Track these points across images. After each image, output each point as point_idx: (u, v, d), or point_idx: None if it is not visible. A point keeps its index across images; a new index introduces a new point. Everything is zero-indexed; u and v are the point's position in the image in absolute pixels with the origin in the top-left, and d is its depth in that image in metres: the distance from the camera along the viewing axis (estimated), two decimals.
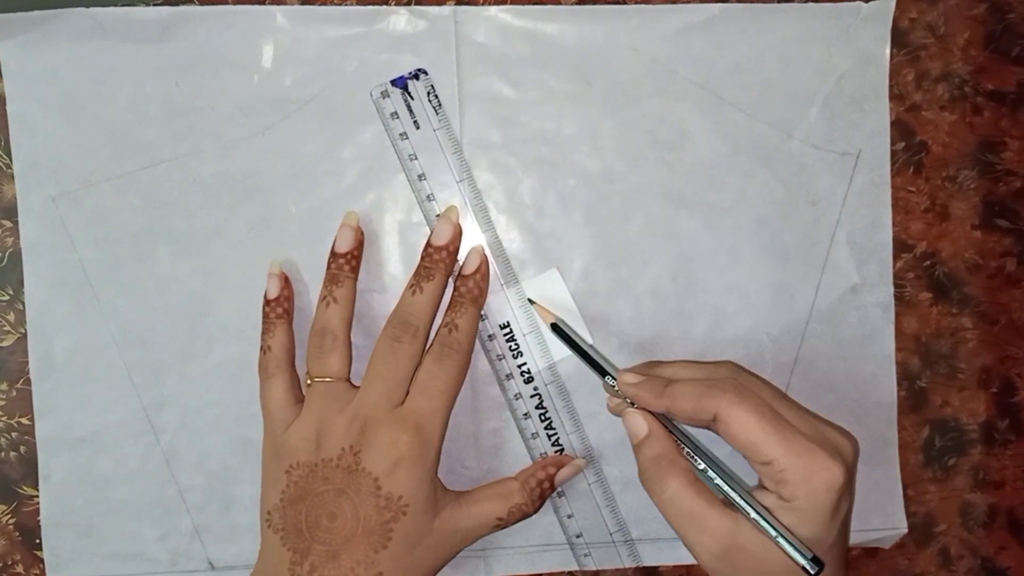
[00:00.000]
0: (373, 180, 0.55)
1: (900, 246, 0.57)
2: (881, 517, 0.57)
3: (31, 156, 0.53)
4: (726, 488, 0.45)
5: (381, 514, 0.46)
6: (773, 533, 0.43)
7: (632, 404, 0.49)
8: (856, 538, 0.57)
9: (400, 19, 0.54)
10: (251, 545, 0.55)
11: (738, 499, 0.45)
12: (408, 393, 0.49)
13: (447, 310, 0.52)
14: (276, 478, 0.48)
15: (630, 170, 0.55)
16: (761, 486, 0.45)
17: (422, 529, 0.47)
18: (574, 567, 0.56)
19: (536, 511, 0.52)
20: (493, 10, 0.54)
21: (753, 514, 0.44)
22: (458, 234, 0.53)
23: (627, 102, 0.55)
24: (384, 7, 0.54)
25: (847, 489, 0.44)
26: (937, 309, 0.58)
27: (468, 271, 0.53)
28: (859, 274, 0.56)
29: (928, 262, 0.58)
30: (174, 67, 0.54)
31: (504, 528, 0.51)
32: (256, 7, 0.54)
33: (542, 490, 0.52)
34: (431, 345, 0.51)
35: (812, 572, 0.43)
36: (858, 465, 0.56)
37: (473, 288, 0.52)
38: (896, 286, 0.57)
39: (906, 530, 0.58)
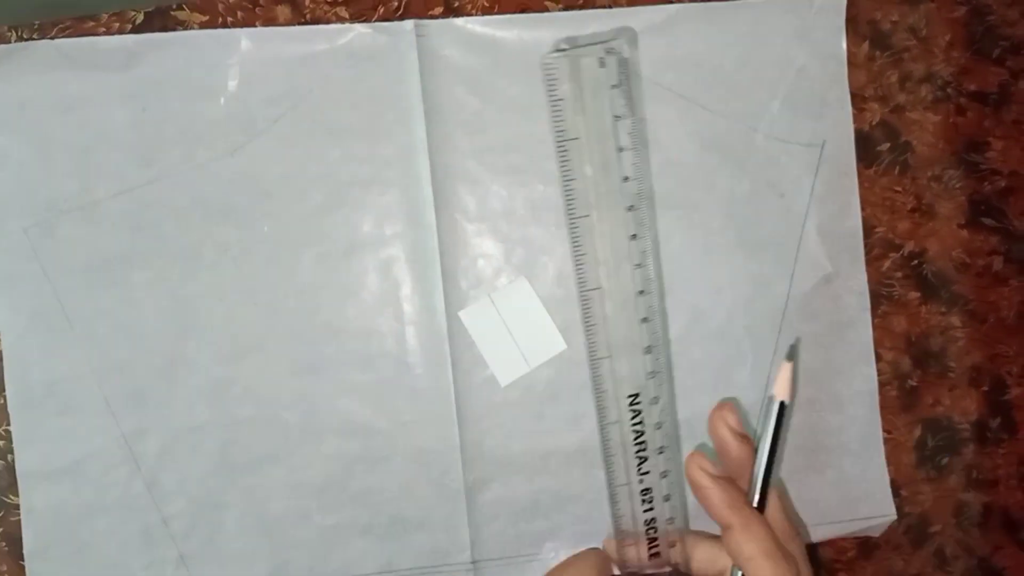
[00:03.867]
0: (344, 197, 0.55)
1: (888, 246, 0.57)
2: (869, 505, 0.57)
3: (0, 187, 0.54)
4: None
5: None
6: None
7: None
8: (847, 528, 0.57)
9: (362, 36, 0.54)
10: (237, 570, 0.54)
11: None
12: None
13: None
14: None
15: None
16: None
17: None
18: None
19: None
20: (454, 22, 0.55)
21: None
22: None
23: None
24: (346, 24, 0.54)
25: None
26: (926, 308, 0.58)
27: None
28: (831, 263, 0.57)
29: (916, 261, 0.58)
30: (141, 93, 0.54)
31: None
32: (220, 30, 0.54)
33: None
34: None
35: None
36: (842, 456, 0.57)
37: None
38: (884, 285, 0.57)
39: (895, 517, 0.57)
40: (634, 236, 0.47)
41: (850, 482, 0.57)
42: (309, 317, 0.54)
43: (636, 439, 0.49)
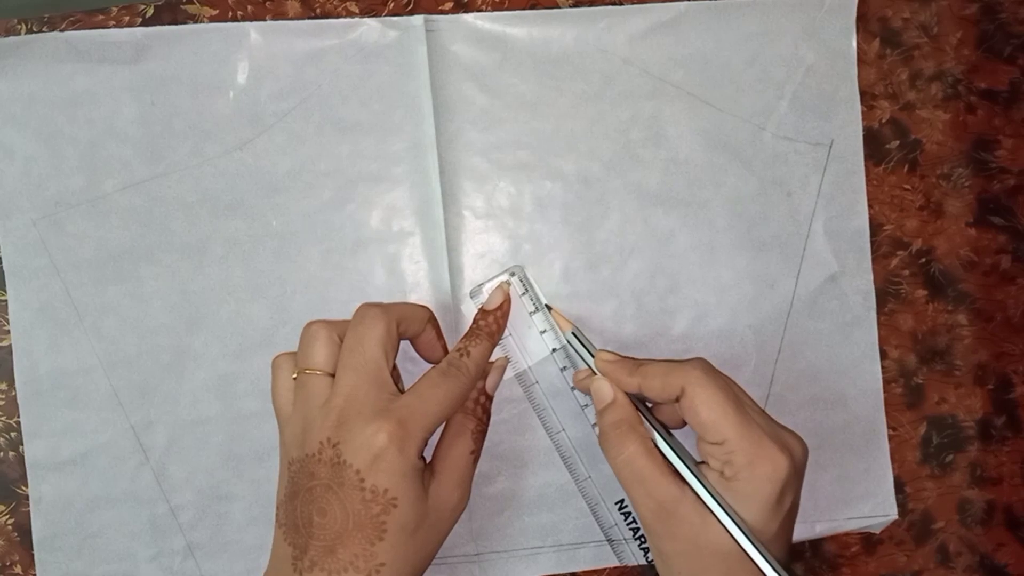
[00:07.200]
0: (352, 192, 0.55)
1: (895, 243, 0.58)
2: (871, 503, 0.57)
3: (10, 181, 0.54)
4: (675, 459, 0.47)
5: (369, 507, 0.45)
6: (719, 512, 0.45)
7: None
8: (847, 525, 0.57)
9: (372, 30, 0.54)
10: (245, 561, 0.55)
11: (687, 472, 0.46)
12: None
13: (462, 337, 0.51)
14: (282, 473, 0.48)
15: (605, 170, 0.56)
16: (705, 464, 0.47)
17: (418, 516, 0.46)
18: (566, 569, 0.56)
19: (488, 421, 0.52)
20: (463, 17, 0.55)
21: (700, 489, 0.46)
22: (507, 302, 0.54)
23: (598, 103, 0.56)
24: (355, 19, 0.54)
25: (791, 484, 0.45)
26: (933, 306, 0.58)
27: (490, 307, 0.53)
28: (838, 262, 0.57)
29: (924, 259, 0.58)
30: (150, 87, 0.54)
31: (478, 456, 0.51)
32: (229, 24, 0.54)
33: (483, 405, 0.52)
34: (440, 363, 0.50)
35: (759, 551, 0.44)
36: (846, 455, 0.57)
37: (492, 323, 0.52)
38: (891, 283, 0.57)
39: (896, 515, 0.57)
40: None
41: (853, 480, 0.57)
42: (316, 312, 0.54)
43: None
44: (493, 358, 0.54)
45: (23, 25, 0.54)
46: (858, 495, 0.57)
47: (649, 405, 0.51)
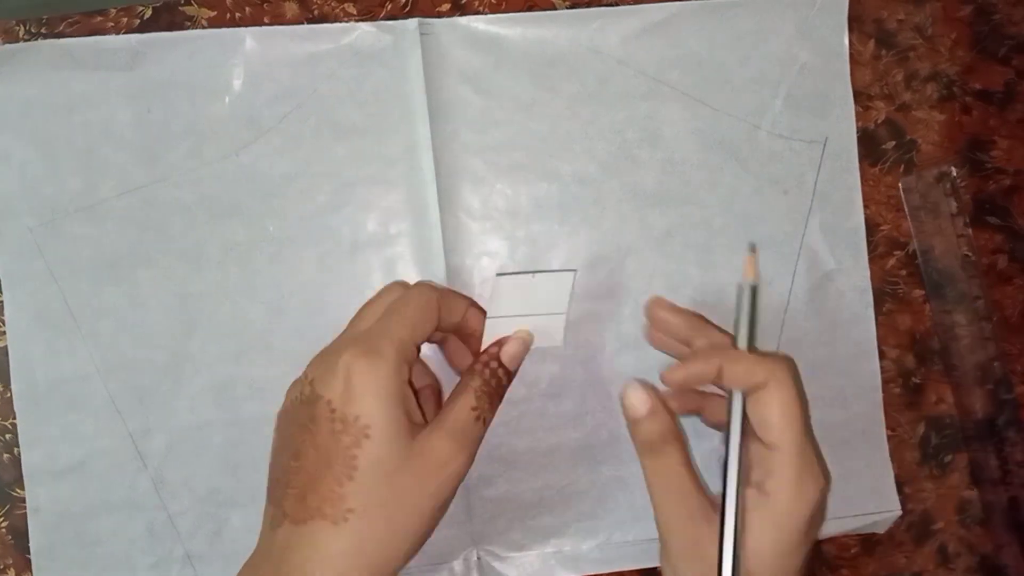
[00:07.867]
0: (349, 196, 0.55)
1: (892, 244, 0.58)
2: (875, 501, 0.57)
3: (6, 187, 0.54)
4: (733, 475, 0.44)
5: (338, 439, 0.40)
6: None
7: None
8: (852, 524, 0.57)
9: (367, 34, 0.55)
10: None
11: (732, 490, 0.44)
12: None
13: None
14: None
15: (601, 171, 0.56)
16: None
17: (396, 454, 0.41)
18: (567, 573, 0.56)
19: (499, 387, 0.48)
20: (458, 20, 0.55)
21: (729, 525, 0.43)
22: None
23: (594, 104, 0.56)
24: (350, 23, 0.55)
25: (820, 514, 0.44)
26: (930, 306, 0.58)
27: None
28: (834, 260, 0.57)
29: (920, 259, 0.58)
30: (146, 93, 0.54)
31: (483, 419, 0.46)
32: (224, 30, 0.55)
33: (491, 368, 0.48)
34: None
35: None
36: (846, 453, 0.56)
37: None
38: (889, 283, 0.58)
39: (900, 512, 0.57)
40: None
41: (854, 478, 0.57)
42: (314, 315, 0.54)
43: None
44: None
45: (21, 27, 0.54)
46: (860, 493, 0.57)
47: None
